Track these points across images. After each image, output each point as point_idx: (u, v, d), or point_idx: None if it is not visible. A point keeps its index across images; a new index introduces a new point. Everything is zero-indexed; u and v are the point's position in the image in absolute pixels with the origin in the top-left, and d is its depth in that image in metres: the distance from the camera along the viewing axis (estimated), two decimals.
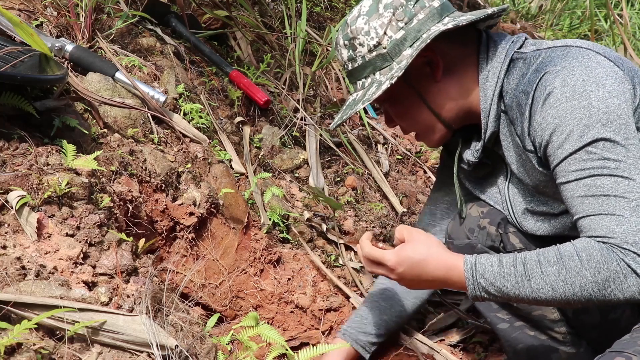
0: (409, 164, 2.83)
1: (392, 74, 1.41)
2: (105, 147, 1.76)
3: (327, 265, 2.11)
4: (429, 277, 1.35)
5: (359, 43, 1.45)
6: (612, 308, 1.56)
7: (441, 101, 1.48)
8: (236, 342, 1.64)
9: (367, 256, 1.43)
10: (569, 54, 1.32)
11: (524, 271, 1.25)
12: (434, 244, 1.37)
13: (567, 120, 1.25)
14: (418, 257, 1.35)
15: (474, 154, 1.52)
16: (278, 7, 3.01)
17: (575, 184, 1.25)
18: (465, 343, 2.02)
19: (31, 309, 1.17)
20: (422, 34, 1.41)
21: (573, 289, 1.21)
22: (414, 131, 1.58)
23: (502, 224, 1.59)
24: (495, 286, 1.27)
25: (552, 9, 4.65)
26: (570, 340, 1.64)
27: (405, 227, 1.43)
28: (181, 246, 1.87)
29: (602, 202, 1.21)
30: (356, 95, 1.50)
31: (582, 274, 1.20)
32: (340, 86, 2.96)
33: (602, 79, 1.26)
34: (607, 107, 1.23)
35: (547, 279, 1.22)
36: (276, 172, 2.34)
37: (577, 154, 1.25)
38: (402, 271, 1.37)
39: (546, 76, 1.30)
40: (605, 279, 1.18)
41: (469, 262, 1.30)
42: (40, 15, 2.11)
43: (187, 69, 2.35)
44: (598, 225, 1.21)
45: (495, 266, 1.28)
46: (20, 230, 1.34)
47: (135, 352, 1.24)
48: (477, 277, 1.29)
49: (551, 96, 1.28)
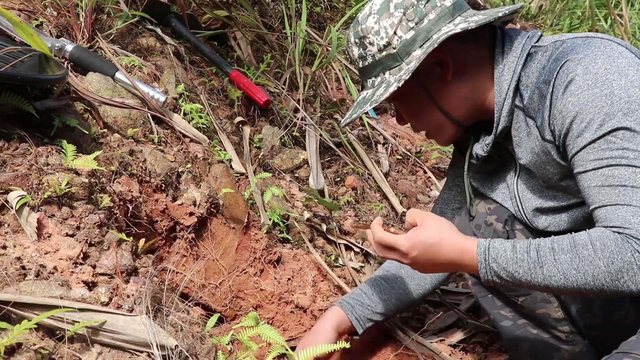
0: (409, 164, 2.83)
1: (401, 76, 1.40)
2: (105, 147, 1.76)
3: (328, 265, 2.11)
4: (442, 260, 1.35)
5: (369, 42, 1.44)
6: (616, 308, 1.56)
7: (452, 101, 1.47)
8: (236, 342, 1.63)
9: (379, 241, 1.41)
10: (591, 43, 1.31)
11: (537, 257, 1.24)
12: (446, 227, 1.37)
13: (588, 109, 1.24)
14: (431, 240, 1.34)
15: (483, 148, 1.51)
16: (278, 7, 3.02)
17: (593, 174, 1.24)
18: (465, 343, 2.01)
19: (31, 309, 1.17)
20: (433, 34, 1.39)
21: (585, 277, 1.20)
22: (425, 130, 1.57)
23: (509, 220, 1.58)
24: (508, 271, 1.27)
25: (552, 9, 4.65)
26: (573, 339, 1.64)
27: (416, 211, 1.41)
28: (181, 246, 1.87)
29: (619, 193, 1.20)
30: (366, 94, 1.49)
31: (596, 263, 1.19)
32: (340, 86, 2.96)
33: (624, 68, 1.25)
34: (629, 97, 1.22)
35: (560, 266, 1.22)
36: (276, 172, 2.34)
37: (596, 143, 1.24)
38: (415, 255, 1.36)
39: (568, 64, 1.29)
40: (619, 270, 1.17)
41: (483, 245, 1.30)
42: (40, 15, 2.11)
43: (187, 69, 2.35)
44: (614, 216, 1.20)
45: (508, 251, 1.27)
46: (20, 230, 1.34)
47: (135, 352, 1.24)
48: (489, 261, 1.29)
49: (572, 83, 1.26)
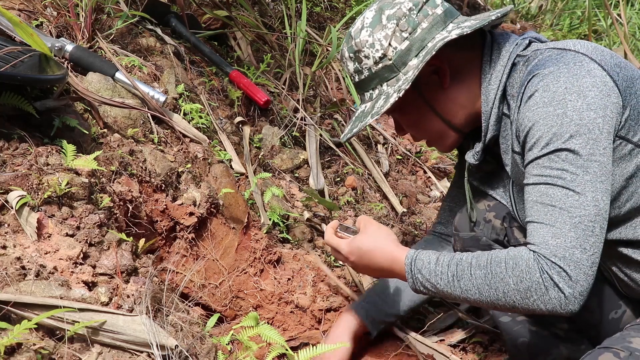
0: (409, 164, 2.83)
1: (400, 86, 1.41)
2: (105, 147, 1.76)
3: (328, 265, 2.11)
4: (376, 266, 1.45)
5: (364, 55, 1.44)
6: (613, 307, 1.57)
7: (450, 108, 1.48)
8: (236, 342, 1.63)
9: (326, 243, 1.57)
10: (562, 58, 1.31)
11: (456, 271, 1.30)
12: (381, 236, 1.46)
13: (539, 125, 1.26)
14: (366, 248, 1.45)
15: (474, 156, 1.53)
16: (278, 7, 3.02)
17: (532, 188, 1.27)
18: (465, 343, 2.01)
19: (31, 309, 1.17)
20: (427, 42, 1.40)
21: (497, 294, 1.25)
22: (425, 139, 1.58)
23: (508, 218, 1.59)
24: (430, 282, 1.34)
25: (552, 9, 4.65)
26: (571, 337, 1.65)
27: (364, 217, 1.53)
28: (181, 246, 1.87)
29: (547, 212, 1.23)
30: (364, 107, 1.50)
31: (506, 281, 1.23)
32: (340, 86, 2.96)
33: (585, 89, 1.24)
34: (580, 120, 1.23)
35: (475, 281, 1.27)
36: (276, 172, 2.34)
37: (540, 160, 1.26)
38: (353, 260, 1.49)
39: (534, 79, 1.30)
40: (527, 289, 1.21)
41: (410, 257, 1.37)
42: (40, 15, 2.11)
43: (187, 69, 2.35)
44: (537, 233, 1.24)
45: (432, 264, 1.34)
46: (20, 230, 1.34)
47: (135, 352, 1.24)
48: (414, 272, 1.36)
49: (531, 99, 1.29)
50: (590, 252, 1.20)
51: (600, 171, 1.23)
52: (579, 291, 1.19)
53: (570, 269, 1.18)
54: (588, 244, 1.20)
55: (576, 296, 1.19)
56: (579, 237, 1.19)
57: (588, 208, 1.21)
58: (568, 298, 1.19)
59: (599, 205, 1.22)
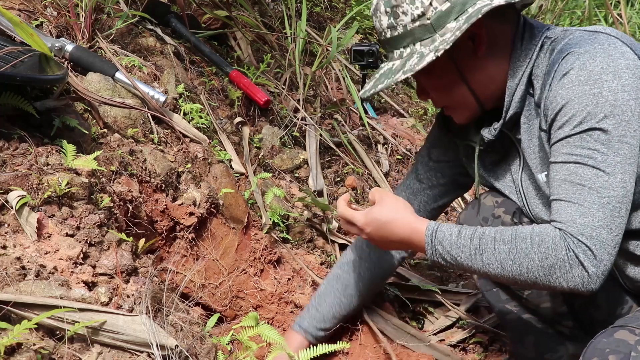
0: (409, 164, 2.83)
1: (437, 46, 1.36)
2: (105, 147, 1.76)
3: (328, 265, 2.11)
4: (394, 238, 1.42)
5: (402, 11, 1.39)
6: (620, 303, 1.56)
7: (479, 77, 1.45)
8: (236, 342, 1.63)
9: (340, 215, 1.52)
10: (596, 39, 1.31)
11: (479, 245, 1.30)
12: (400, 206, 1.43)
13: (574, 104, 1.26)
14: (384, 218, 1.42)
15: (491, 132, 1.49)
16: (278, 7, 3.02)
17: (561, 166, 1.28)
18: (465, 343, 2.02)
19: (31, 309, 1.17)
20: (468, 7, 1.36)
21: (520, 269, 1.25)
22: (447, 105, 1.54)
23: (517, 213, 1.58)
24: (451, 255, 1.33)
25: (552, 9, 4.65)
26: (576, 334, 1.65)
27: (377, 189, 1.50)
28: (181, 246, 1.86)
29: (576, 191, 1.24)
30: (392, 65, 1.45)
31: (531, 257, 1.24)
32: (340, 86, 2.96)
33: (621, 70, 1.26)
34: (615, 100, 1.23)
35: (498, 256, 1.27)
36: (276, 172, 2.34)
37: (571, 138, 1.26)
38: (370, 231, 1.45)
39: (568, 56, 1.30)
40: (552, 265, 1.22)
41: (431, 227, 1.36)
42: (40, 15, 2.11)
43: (187, 69, 2.35)
44: (564, 211, 1.24)
45: (454, 235, 1.33)
46: (20, 230, 1.34)
47: (135, 352, 1.24)
48: (435, 243, 1.35)
49: (566, 76, 1.28)
50: (615, 233, 1.22)
51: (630, 153, 1.24)
52: (601, 270, 1.20)
53: (596, 248, 1.20)
54: (614, 225, 1.21)
55: (599, 275, 1.21)
56: (606, 217, 1.21)
57: (617, 189, 1.22)
58: (591, 277, 1.20)
59: (627, 187, 1.23)
